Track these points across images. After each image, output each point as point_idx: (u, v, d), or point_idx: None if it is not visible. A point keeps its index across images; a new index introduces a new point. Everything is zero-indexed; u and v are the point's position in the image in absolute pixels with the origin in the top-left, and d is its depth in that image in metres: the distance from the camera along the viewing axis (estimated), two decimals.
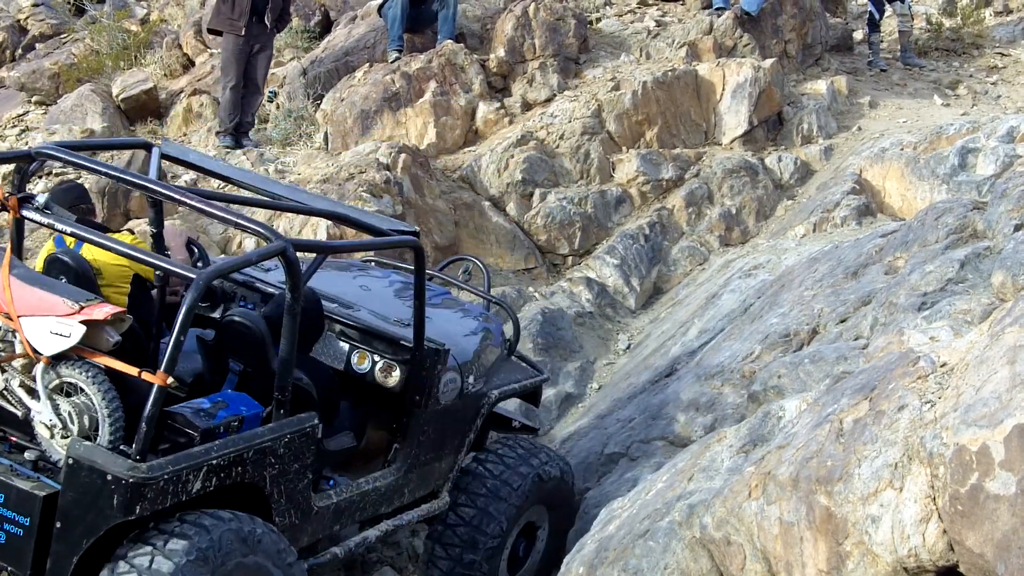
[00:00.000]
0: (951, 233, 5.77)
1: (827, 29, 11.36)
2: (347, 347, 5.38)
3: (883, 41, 11.75)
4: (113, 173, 4.73)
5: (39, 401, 4.22)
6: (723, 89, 9.78)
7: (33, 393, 4.26)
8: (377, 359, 5.34)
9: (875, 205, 8.87)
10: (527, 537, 5.99)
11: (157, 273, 5.23)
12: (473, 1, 10.83)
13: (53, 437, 4.21)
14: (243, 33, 9.22)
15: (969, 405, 3.67)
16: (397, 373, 5.30)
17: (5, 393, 4.38)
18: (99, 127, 9.74)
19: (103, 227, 5.38)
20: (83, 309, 4.18)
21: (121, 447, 4.09)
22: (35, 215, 4.43)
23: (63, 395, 4.20)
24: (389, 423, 5.33)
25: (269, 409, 4.53)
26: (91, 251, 5.32)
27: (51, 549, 4.07)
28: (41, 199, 4.47)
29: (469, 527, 5.61)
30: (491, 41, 10.20)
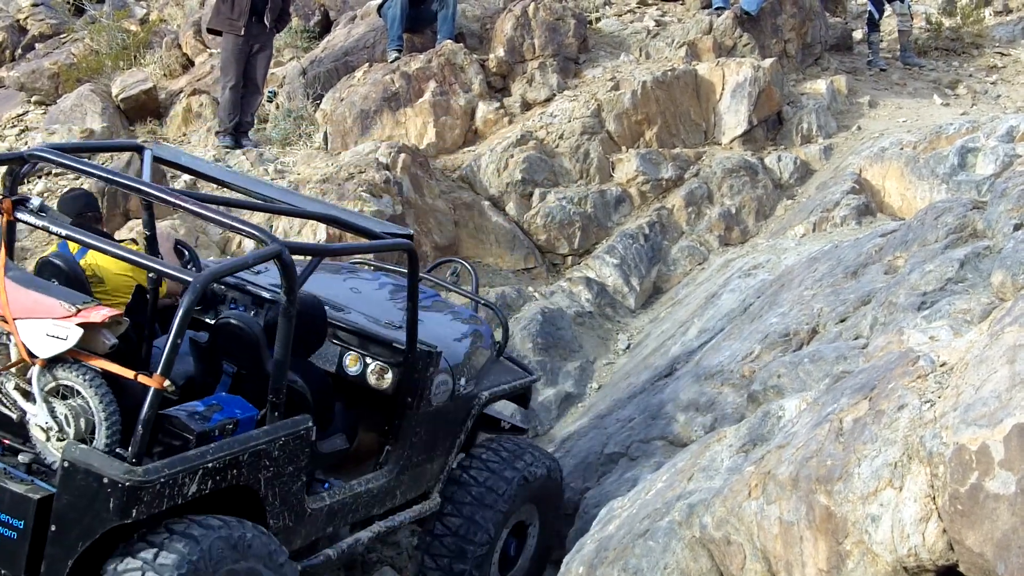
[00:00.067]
0: (951, 233, 5.77)
1: (827, 29, 11.35)
2: (339, 349, 5.37)
3: (883, 41, 11.74)
4: (105, 175, 4.69)
5: (34, 404, 4.19)
6: (723, 89, 9.77)
7: (28, 396, 4.24)
8: (369, 361, 5.33)
9: (875, 205, 8.87)
10: (518, 536, 5.99)
11: (150, 276, 5.22)
12: (472, 1, 10.82)
13: (48, 440, 4.19)
14: (242, 33, 9.21)
15: (969, 404, 3.67)
16: (389, 375, 5.30)
17: (0, 396, 4.36)
18: (99, 127, 9.72)
19: (108, 236, 5.36)
20: (80, 312, 4.15)
21: (117, 450, 4.07)
22: (29, 218, 4.39)
23: (59, 397, 4.17)
24: (381, 425, 5.33)
25: (263, 412, 4.52)
26: (95, 259, 5.30)
27: (46, 552, 4.05)
28: (36, 202, 4.43)
29: (456, 537, 5.60)
30: (491, 41, 10.20)
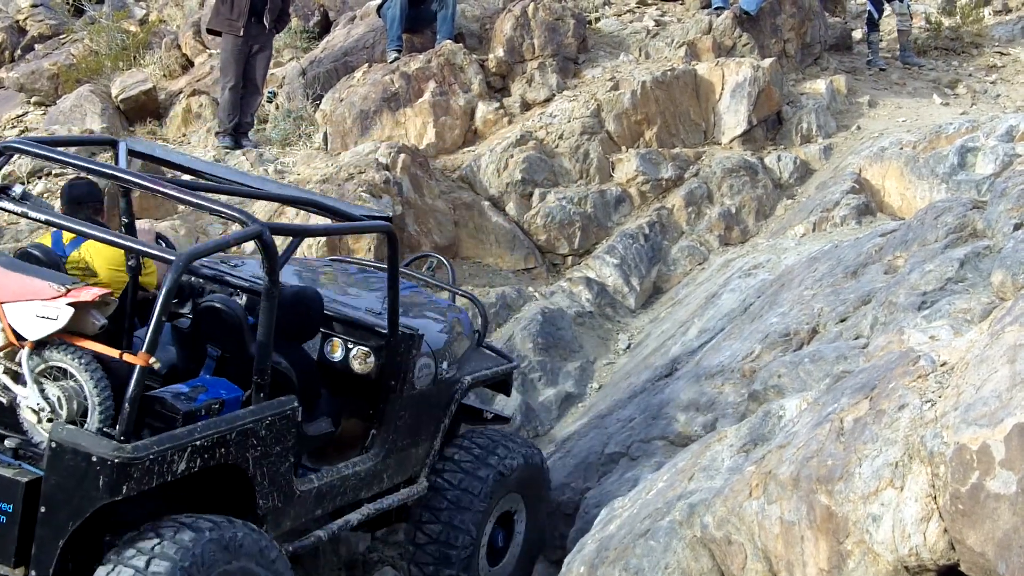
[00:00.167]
0: (951, 232, 5.77)
1: (826, 28, 11.36)
2: (320, 337, 5.38)
3: (882, 40, 11.75)
4: (81, 164, 4.74)
5: (25, 386, 4.19)
6: (722, 89, 9.77)
7: (18, 379, 4.23)
8: (351, 347, 5.35)
9: (875, 204, 8.87)
10: (504, 526, 5.99)
11: (129, 264, 5.23)
12: (472, 1, 10.82)
13: (40, 422, 4.18)
14: (242, 33, 9.22)
15: (969, 404, 3.67)
16: (372, 360, 5.31)
17: None
18: (98, 128, 9.71)
19: (103, 226, 5.37)
20: (70, 291, 4.17)
21: (104, 429, 4.09)
22: (9, 204, 4.43)
23: (50, 379, 4.17)
24: (364, 412, 5.34)
25: (248, 393, 4.54)
26: (88, 253, 5.31)
27: (36, 535, 4.05)
28: (18, 189, 4.47)
29: (439, 544, 5.60)
30: (490, 41, 10.20)
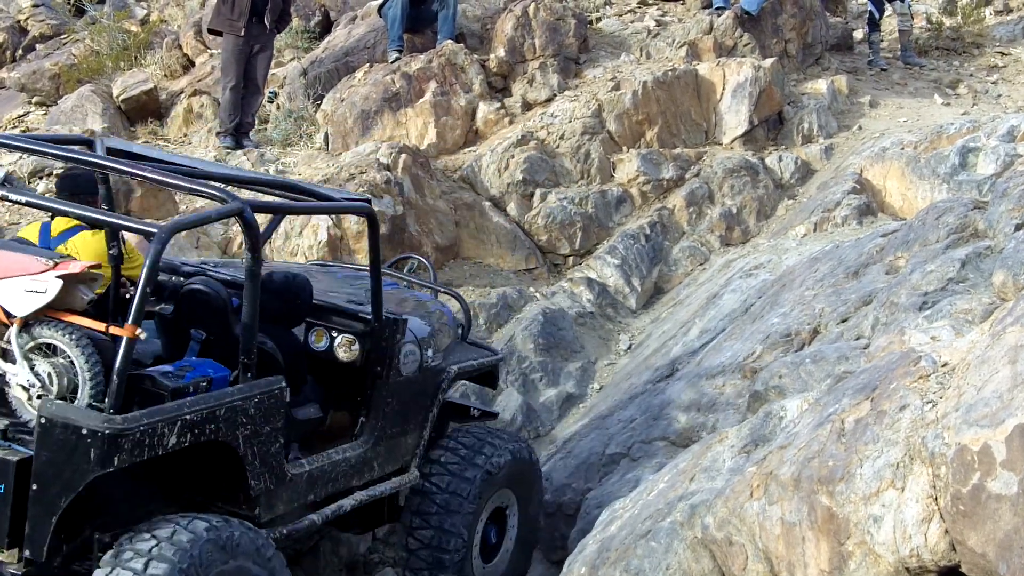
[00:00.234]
0: (952, 232, 5.77)
1: (827, 28, 11.35)
2: (303, 326, 5.40)
3: (883, 40, 11.74)
4: (57, 152, 4.79)
5: (14, 363, 4.18)
6: (723, 89, 9.77)
7: (7, 355, 4.23)
8: (335, 335, 5.36)
9: (876, 204, 8.87)
10: (497, 522, 5.99)
11: (111, 253, 5.24)
12: (473, 1, 10.82)
13: (30, 399, 4.18)
14: (243, 33, 9.22)
15: (970, 405, 3.67)
16: (357, 347, 5.33)
17: None
18: (99, 128, 9.71)
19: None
20: (58, 264, 4.19)
21: (94, 404, 4.11)
22: None
23: (40, 355, 4.17)
24: (351, 403, 5.36)
25: (236, 373, 4.56)
26: (75, 247, 5.34)
27: (28, 514, 4.05)
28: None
29: (431, 549, 5.61)
30: (491, 41, 10.20)
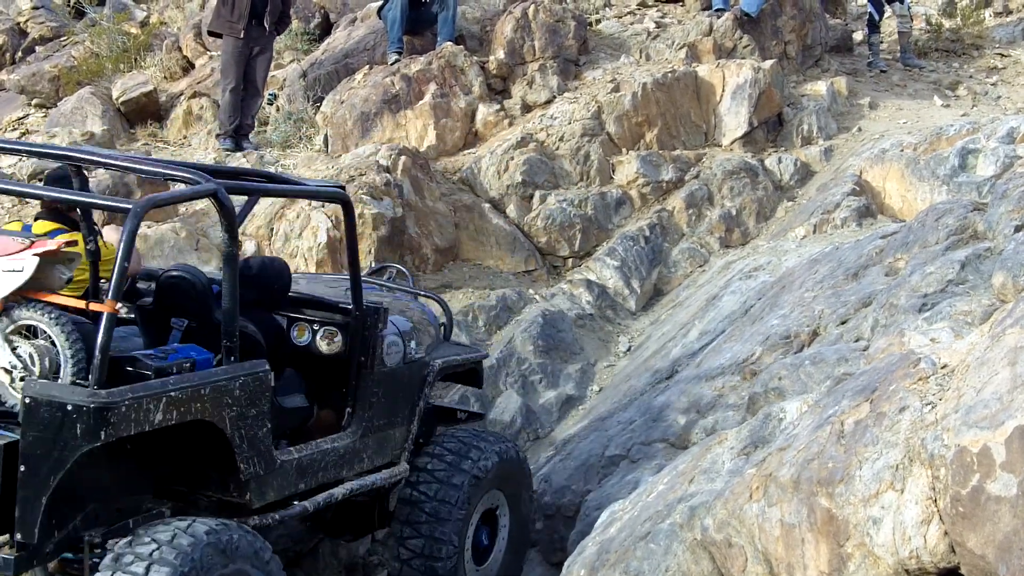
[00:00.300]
0: (951, 234, 5.77)
1: (827, 30, 11.35)
2: (284, 321, 5.41)
3: (883, 42, 11.75)
4: (24, 148, 4.87)
5: None
6: (723, 90, 9.77)
7: None
8: (317, 328, 5.38)
9: (875, 206, 8.87)
10: (488, 523, 5.99)
11: (88, 248, 5.25)
12: (473, 3, 10.82)
13: (12, 381, 4.19)
14: (242, 36, 9.22)
15: (970, 406, 3.67)
16: (339, 338, 5.34)
17: None
18: (99, 130, 9.72)
19: (87, 220, 5.42)
20: (34, 243, 4.20)
21: (78, 381, 4.11)
22: None
23: (21, 337, 4.18)
24: (339, 397, 5.37)
25: (219, 357, 4.58)
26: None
27: (18, 497, 4.04)
28: None
29: (423, 558, 5.60)
30: (491, 43, 10.20)
